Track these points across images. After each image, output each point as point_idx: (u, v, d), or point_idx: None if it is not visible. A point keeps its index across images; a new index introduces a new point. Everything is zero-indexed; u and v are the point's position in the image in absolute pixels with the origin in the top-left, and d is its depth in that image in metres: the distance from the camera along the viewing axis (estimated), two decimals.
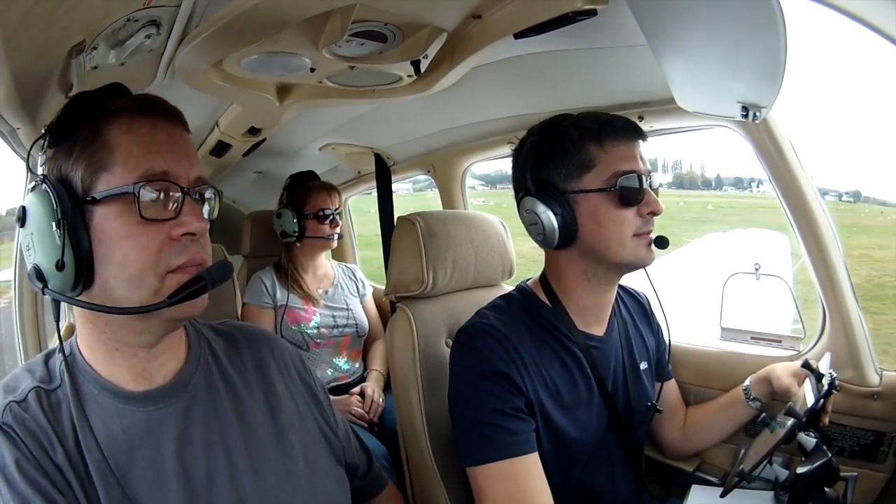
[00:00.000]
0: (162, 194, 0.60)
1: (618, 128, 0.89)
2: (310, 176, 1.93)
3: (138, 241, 0.59)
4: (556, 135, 0.91)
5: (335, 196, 1.87)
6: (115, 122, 0.61)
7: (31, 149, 0.64)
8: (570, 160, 0.88)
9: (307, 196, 1.84)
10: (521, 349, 0.89)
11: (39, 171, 0.63)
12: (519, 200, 0.93)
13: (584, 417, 0.95)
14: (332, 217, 1.83)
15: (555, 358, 0.93)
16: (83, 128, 0.61)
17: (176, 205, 0.61)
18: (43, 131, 0.63)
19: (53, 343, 0.68)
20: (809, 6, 0.70)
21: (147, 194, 0.59)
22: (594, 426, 0.96)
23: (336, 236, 1.84)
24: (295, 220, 1.82)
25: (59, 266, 0.58)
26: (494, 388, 0.86)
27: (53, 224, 0.58)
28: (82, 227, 0.59)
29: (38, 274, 0.60)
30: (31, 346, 1.44)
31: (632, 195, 0.87)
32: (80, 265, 0.59)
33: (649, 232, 0.90)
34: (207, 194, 0.66)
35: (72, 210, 0.58)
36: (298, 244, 1.84)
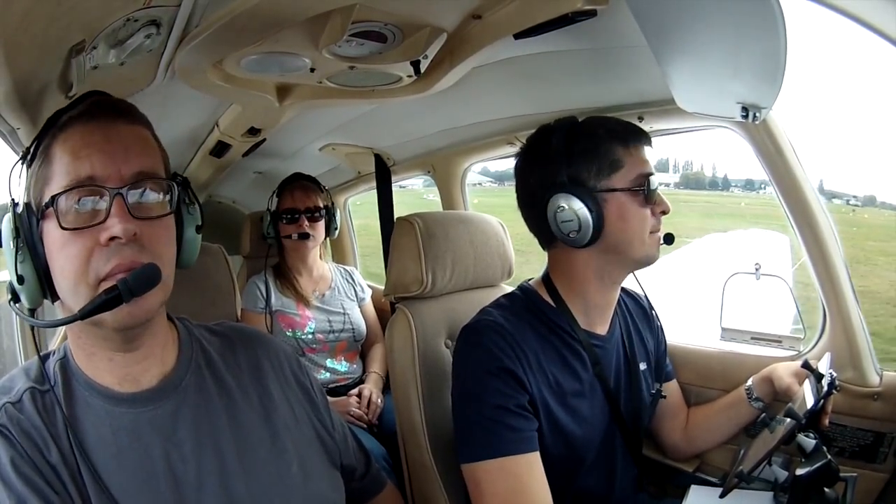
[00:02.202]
0: (84, 201, 0.59)
1: (638, 132, 0.94)
2: (293, 177, 1.91)
3: (69, 251, 0.59)
4: (583, 134, 0.93)
5: (301, 195, 1.83)
6: (59, 134, 0.61)
7: (10, 173, 0.65)
8: (601, 159, 0.91)
9: (281, 196, 1.85)
10: (525, 346, 0.90)
11: (17, 192, 0.64)
12: (549, 197, 0.91)
13: (587, 413, 0.95)
14: (298, 217, 1.80)
15: (557, 356, 0.94)
16: (40, 144, 0.62)
17: (105, 208, 0.59)
18: (20, 156, 0.64)
19: (53, 345, 0.69)
20: (809, 6, 0.70)
21: (63, 204, 0.59)
22: (597, 423, 0.97)
23: (300, 235, 1.80)
24: (270, 224, 1.85)
25: (20, 280, 0.60)
26: (499, 384, 0.87)
27: (11, 241, 0.60)
28: (38, 240, 0.60)
29: (11, 287, 0.62)
30: (30, 348, 1.44)
31: (652, 195, 0.91)
32: (39, 278, 0.60)
33: (659, 230, 0.94)
34: (148, 188, 0.62)
35: (27, 226, 0.60)
36: (279, 246, 1.86)
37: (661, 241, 0.95)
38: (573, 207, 0.89)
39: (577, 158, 0.91)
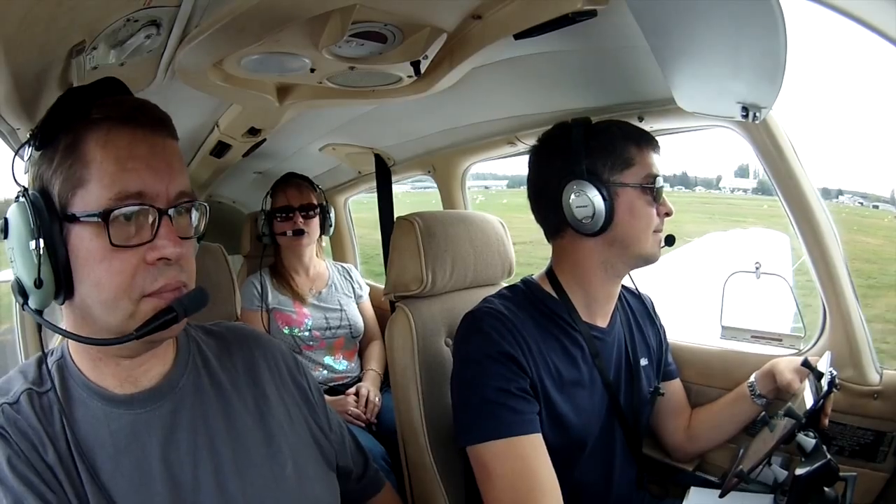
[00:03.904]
0: (135, 217, 0.58)
1: (648, 137, 0.99)
2: (287, 177, 1.91)
3: (112, 265, 0.58)
4: (601, 131, 0.97)
5: (295, 192, 1.84)
6: (94, 133, 0.58)
7: (14, 155, 0.62)
8: (616, 156, 0.95)
9: (274, 196, 1.86)
10: (526, 334, 0.92)
11: (23, 179, 0.62)
12: (565, 185, 0.95)
13: (586, 403, 0.96)
14: (292, 214, 1.81)
15: (557, 345, 0.96)
16: (64, 134, 0.59)
17: (152, 227, 0.59)
18: (28, 135, 0.61)
19: (53, 344, 0.69)
20: (809, 6, 0.70)
21: (117, 219, 0.57)
22: (596, 414, 0.98)
23: (294, 232, 1.80)
24: (265, 222, 1.85)
25: (38, 284, 0.57)
26: (500, 368, 0.88)
27: (31, 242, 0.57)
28: (61, 243, 0.58)
29: (20, 287, 0.60)
30: (31, 347, 1.44)
31: (659, 195, 0.96)
32: (58, 281, 0.58)
33: (661, 230, 0.98)
34: (193, 210, 0.64)
35: (49, 226, 0.57)
36: (275, 245, 1.86)
37: (662, 243, 0.99)
38: (589, 194, 0.93)
39: (594, 152, 0.95)
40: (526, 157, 1.06)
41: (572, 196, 0.94)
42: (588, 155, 0.95)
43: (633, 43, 0.89)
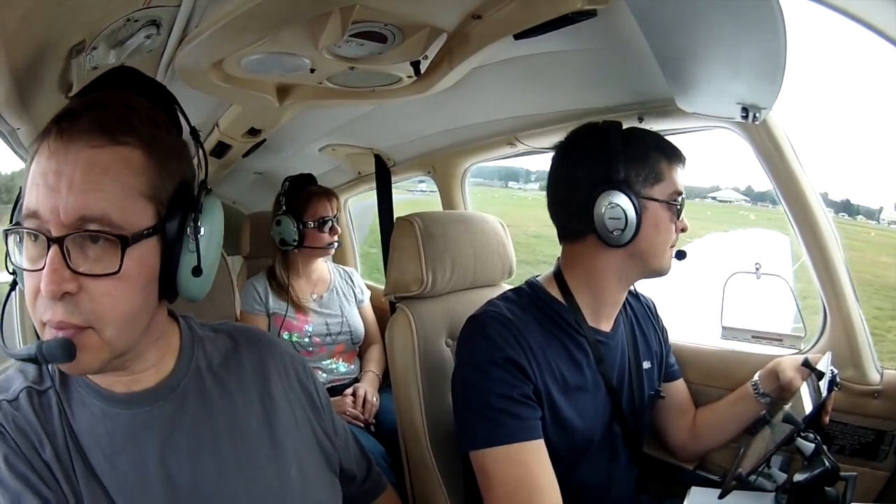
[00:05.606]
0: (27, 240, 0.53)
1: (679, 153, 0.98)
2: (308, 179, 1.89)
3: (25, 283, 0.55)
4: (636, 139, 0.96)
5: (334, 202, 1.85)
6: (41, 139, 0.55)
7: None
8: (648, 168, 0.94)
9: (307, 203, 1.80)
10: (530, 338, 0.91)
11: None
12: (599, 192, 0.91)
13: (590, 407, 0.96)
14: (331, 225, 1.81)
15: (562, 349, 0.95)
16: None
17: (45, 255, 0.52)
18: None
19: None
20: (809, 6, 0.70)
21: (9, 242, 0.54)
22: (599, 417, 0.97)
23: (335, 244, 1.82)
24: (295, 229, 1.77)
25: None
26: (504, 374, 0.88)
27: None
28: None
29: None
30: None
31: (681, 213, 0.97)
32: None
33: (675, 245, 0.99)
34: (90, 239, 0.52)
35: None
36: (296, 251, 1.81)
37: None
38: (623, 206, 0.91)
39: (630, 161, 0.93)
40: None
41: (605, 206, 0.91)
42: (626, 163, 0.92)
43: (633, 43, 0.89)
